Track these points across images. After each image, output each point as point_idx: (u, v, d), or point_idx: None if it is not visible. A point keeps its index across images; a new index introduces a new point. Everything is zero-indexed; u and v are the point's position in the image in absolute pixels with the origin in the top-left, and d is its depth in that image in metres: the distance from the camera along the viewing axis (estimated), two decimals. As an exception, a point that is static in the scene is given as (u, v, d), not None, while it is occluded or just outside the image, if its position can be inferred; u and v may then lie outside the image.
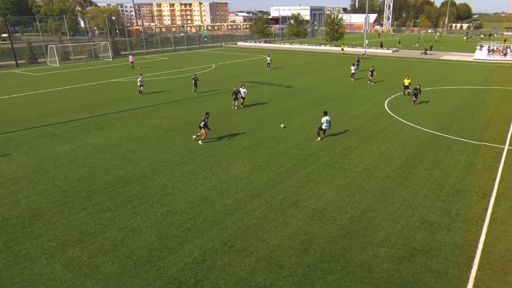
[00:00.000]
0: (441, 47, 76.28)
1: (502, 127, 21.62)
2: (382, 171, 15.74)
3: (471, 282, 9.25)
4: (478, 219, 12.04)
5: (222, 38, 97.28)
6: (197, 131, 20.02)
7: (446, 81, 37.44)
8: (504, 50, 56.76)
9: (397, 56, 62.00)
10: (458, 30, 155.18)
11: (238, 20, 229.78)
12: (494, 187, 14.25)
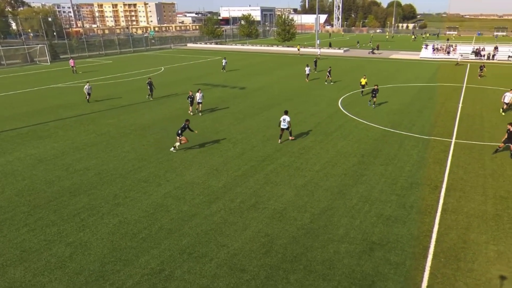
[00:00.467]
0: (389, 47, 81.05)
1: (449, 122, 23.41)
2: (339, 169, 16.34)
3: (427, 270, 9.87)
4: (431, 210, 12.89)
5: (171, 40, 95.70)
6: (149, 137, 19.47)
7: (395, 79, 39.82)
8: (448, 49, 61.57)
9: (348, 55, 64.89)
10: (405, 29, 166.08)
11: (187, 21, 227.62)
12: (444, 179, 15.36)
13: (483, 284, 9.31)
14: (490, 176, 15.45)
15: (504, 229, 11.67)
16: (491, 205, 13.16)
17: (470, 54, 58.92)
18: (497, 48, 58.61)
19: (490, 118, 23.98)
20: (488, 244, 10.92)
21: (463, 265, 10.04)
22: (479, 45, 61.73)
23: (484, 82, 37.23)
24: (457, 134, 20.92)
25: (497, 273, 9.69)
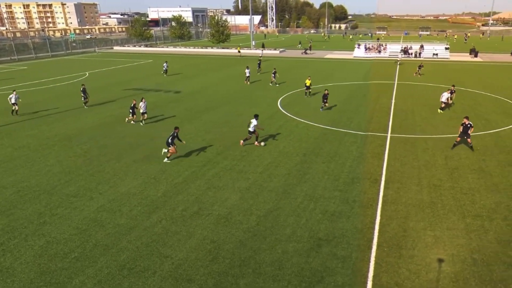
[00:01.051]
0: (324, 47, 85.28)
1: (384, 117, 25.22)
2: (282, 169, 16.78)
3: (372, 261, 10.51)
4: (372, 202, 13.77)
5: (95, 43, 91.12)
6: (76, 148, 18.30)
7: (332, 78, 41.98)
8: (379, 48, 66.41)
9: (285, 56, 67.08)
10: (338, 30, 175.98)
11: (112, 23, 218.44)
12: (383, 172, 16.51)
13: (423, 268, 10.15)
14: (423, 167, 16.93)
15: (438, 215, 12.85)
16: (426, 193, 14.42)
17: (399, 52, 64.09)
18: (422, 46, 64.56)
19: (421, 113, 26.29)
20: (426, 230, 11.94)
21: (404, 252, 10.87)
22: (407, 44, 67.45)
23: (413, 79, 40.76)
24: (392, 129, 22.61)
25: (435, 257, 10.63)
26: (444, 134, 21.31)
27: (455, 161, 17.48)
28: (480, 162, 17.34)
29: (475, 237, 11.53)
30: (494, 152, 18.57)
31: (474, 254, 10.72)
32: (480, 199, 13.88)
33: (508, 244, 11.15)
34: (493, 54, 67.67)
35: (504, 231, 11.81)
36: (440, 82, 38.86)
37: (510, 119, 24.53)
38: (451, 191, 14.58)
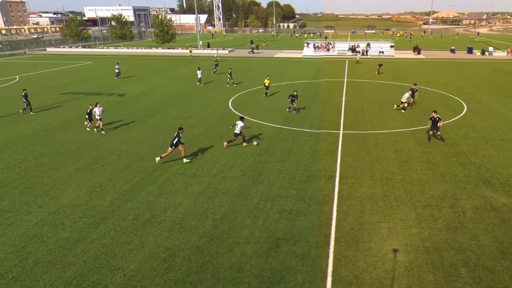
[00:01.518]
0: (273, 46, 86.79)
1: (335, 115, 26.17)
2: (237, 171, 16.84)
3: (331, 256, 10.88)
4: (328, 199, 14.24)
5: (25, 44, 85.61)
6: (8, 159, 17.03)
7: (283, 77, 42.83)
8: (327, 46, 68.80)
9: (234, 56, 67.37)
10: (286, 29, 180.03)
11: (44, 22, 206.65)
12: (337, 168, 17.13)
13: (380, 260, 10.67)
14: (375, 161, 17.80)
15: (391, 207, 13.58)
16: (379, 187, 15.17)
17: (347, 51, 66.89)
18: (369, 44, 67.86)
19: (370, 109, 27.62)
20: (380, 223, 12.57)
21: (361, 245, 11.36)
22: (354, 42, 70.53)
23: (361, 76, 42.71)
24: (343, 126, 23.52)
25: (390, 248, 11.22)
26: (393, 129, 22.56)
27: (404, 155, 18.57)
28: (427, 155, 18.56)
29: (426, 226, 12.33)
30: (439, 145, 19.96)
31: (425, 242, 11.46)
32: (429, 190, 14.87)
33: (456, 230, 12.05)
34: (434, 51, 72.76)
35: (452, 219, 12.75)
36: (387, 79, 41.08)
37: (452, 112, 26.51)
38: (402, 183, 15.48)
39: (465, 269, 10.25)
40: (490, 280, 9.85)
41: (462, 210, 13.32)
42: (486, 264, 10.45)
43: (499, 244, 11.35)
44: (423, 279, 9.89)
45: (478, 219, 12.70)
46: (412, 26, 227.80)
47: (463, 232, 11.98)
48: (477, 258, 10.68)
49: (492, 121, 24.27)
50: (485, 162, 17.60)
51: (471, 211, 13.25)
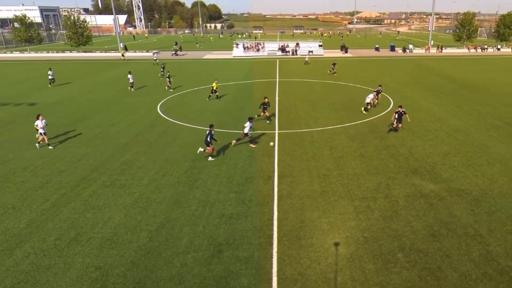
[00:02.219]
0: (201, 47, 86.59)
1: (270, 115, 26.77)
2: (171, 178, 16.55)
3: (275, 256, 11.16)
4: (268, 199, 14.58)
5: None
6: None
7: (214, 79, 42.77)
8: (257, 47, 70.23)
9: (159, 58, 65.89)
10: (213, 30, 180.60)
11: None
12: (275, 168, 17.59)
13: (323, 255, 11.18)
14: (312, 159, 18.57)
15: (330, 202, 14.29)
16: (317, 184, 15.86)
17: (277, 50, 68.90)
18: (298, 44, 70.51)
19: (303, 107, 28.74)
20: (321, 218, 13.16)
21: (304, 242, 11.80)
22: (284, 42, 72.83)
23: (292, 75, 44.27)
24: (279, 125, 24.21)
25: (332, 242, 11.81)
26: (326, 126, 23.70)
27: (339, 151, 19.61)
28: (360, 149, 19.79)
29: (364, 217, 13.19)
30: (370, 139, 21.39)
31: (364, 233, 12.26)
32: (364, 182, 15.89)
33: (391, 219, 13.07)
34: (360, 50, 77.81)
35: (387, 208, 13.80)
36: (317, 77, 43.05)
37: (379, 107, 28.54)
38: (339, 178, 16.35)
39: (401, 254, 11.17)
40: (424, 262, 10.84)
41: (395, 199, 14.47)
42: (420, 247, 11.49)
43: (430, 228, 12.54)
44: (364, 268, 10.57)
45: (410, 207, 13.90)
46: (338, 25, 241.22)
47: (398, 219, 13.03)
48: (411, 243, 11.70)
49: (417, 114, 26.55)
50: (413, 152, 19.23)
51: (403, 199, 14.45)
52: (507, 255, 11.16)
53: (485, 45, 75.36)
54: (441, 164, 17.75)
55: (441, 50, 73.24)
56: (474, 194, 14.87)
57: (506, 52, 73.26)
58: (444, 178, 16.28)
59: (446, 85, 38.17)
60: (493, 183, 15.81)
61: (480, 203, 14.15)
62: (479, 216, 13.26)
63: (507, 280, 10.15)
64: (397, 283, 10.04)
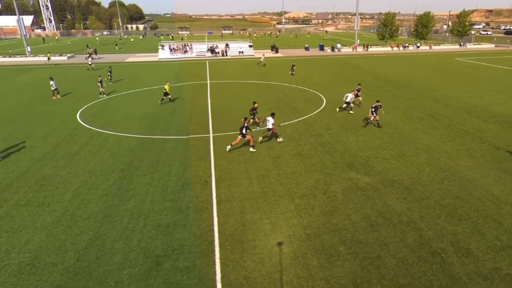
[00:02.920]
0: (123, 49, 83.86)
1: (203, 118, 26.73)
2: (98, 191, 15.84)
3: (218, 263, 11.15)
4: (207, 205, 14.51)
5: None
6: None
7: (139, 83, 41.76)
8: (184, 48, 69.52)
9: (75, 62, 62.77)
10: (136, 31, 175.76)
11: None
12: (212, 172, 17.56)
13: (266, 256, 11.39)
14: (249, 160, 18.82)
15: (271, 202, 14.60)
16: (256, 185, 16.12)
17: (206, 52, 68.81)
18: (228, 45, 71.03)
19: (237, 109, 29.00)
20: (262, 219, 13.40)
21: (247, 245, 11.93)
22: (213, 43, 72.93)
23: (224, 77, 44.50)
24: (213, 128, 24.21)
25: (275, 242, 12.08)
26: (261, 127, 24.14)
27: (276, 150, 20.09)
28: (297, 147, 20.46)
29: (305, 214, 13.68)
30: (306, 137, 22.21)
31: (306, 230, 12.71)
32: (303, 180, 16.46)
33: (331, 213, 13.72)
34: (290, 50, 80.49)
35: (326, 203, 14.46)
36: (248, 78, 43.73)
37: (313, 105, 29.76)
38: (278, 178, 16.77)
39: (343, 247, 11.79)
40: (364, 252, 11.56)
41: (334, 194, 15.21)
42: (360, 239, 12.21)
43: (367, 219, 13.40)
44: (308, 264, 10.97)
45: (348, 200, 14.72)
46: (267, 26, 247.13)
47: (337, 214, 13.72)
48: (351, 235, 12.40)
49: (348, 110, 28.01)
50: (347, 148, 20.31)
51: (342, 193, 15.24)
52: (437, 238, 12.27)
53: (406, 44, 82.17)
54: (374, 158, 18.96)
55: (367, 49, 78.32)
56: (405, 184, 16.12)
57: (425, 49, 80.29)
58: (378, 171, 17.44)
59: (373, 82, 40.79)
60: (421, 172, 17.26)
61: (411, 192, 15.40)
62: (411, 204, 14.43)
63: (439, 261, 11.17)
64: (341, 276, 10.55)
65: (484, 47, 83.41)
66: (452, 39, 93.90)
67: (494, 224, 13.07)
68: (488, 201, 14.63)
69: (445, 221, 13.27)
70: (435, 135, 22.35)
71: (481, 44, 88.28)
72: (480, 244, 11.94)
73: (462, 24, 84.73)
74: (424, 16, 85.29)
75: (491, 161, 18.53)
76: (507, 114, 26.79)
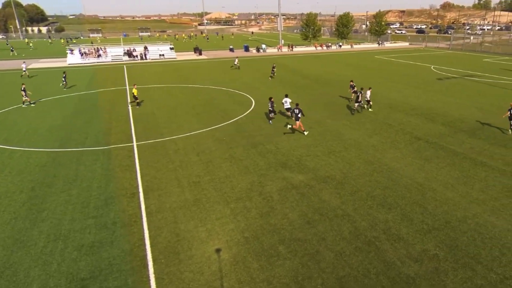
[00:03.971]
0: (24, 55, 78.52)
1: (124, 126, 25.85)
2: (4, 215, 14.64)
3: (153, 278, 10.87)
4: (136, 218, 14.07)
5: None
6: None
7: (45, 91, 39.17)
8: (97, 52, 66.75)
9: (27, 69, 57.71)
10: (38, 34, 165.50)
11: None
12: (139, 183, 17.05)
13: (205, 264, 11.35)
14: (179, 167, 18.58)
15: (205, 209, 14.56)
16: (189, 192, 15.97)
17: (123, 55, 66.71)
18: (147, 48, 69.47)
19: (162, 114, 28.48)
20: (198, 227, 13.31)
21: (183, 256, 11.78)
22: (129, 46, 70.89)
23: (145, 81, 43.40)
24: (136, 137, 23.50)
25: (213, 249, 12.08)
26: (191, 132, 23.99)
27: (207, 155, 20.06)
28: (229, 151, 20.61)
29: (242, 218, 13.85)
30: (237, 139, 22.44)
31: (244, 233, 12.89)
32: (237, 184, 16.64)
33: (268, 214, 14.07)
34: (215, 51, 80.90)
35: (262, 205, 14.78)
36: (173, 81, 43.18)
37: (242, 107, 30.16)
38: (211, 183, 16.77)
39: (282, 246, 12.16)
40: (304, 249, 12.04)
41: (270, 194, 15.61)
42: (298, 236, 12.70)
43: (304, 216, 13.99)
44: (249, 268, 11.13)
45: (284, 199, 15.19)
46: (188, 27, 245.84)
47: (274, 214, 14.11)
48: (290, 234, 12.84)
49: (277, 110, 28.78)
50: (280, 148, 20.90)
51: (277, 193, 15.69)
52: (371, 227, 13.22)
53: (329, 43, 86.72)
54: (306, 155, 19.72)
55: (292, 49, 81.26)
56: (338, 179, 17.04)
57: (347, 48, 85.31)
58: (311, 168, 18.19)
59: (300, 81, 42.38)
60: (352, 166, 18.38)
61: (344, 186, 16.34)
62: (344, 198, 15.33)
63: (374, 249, 12.03)
64: (282, 275, 10.85)
65: (400, 45, 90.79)
66: (371, 38, 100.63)
67: (420, 209, 14.42)
68: (414, 188, 16.06)
69: (377, 210, 14.30)
70: (363, 130, 23.79)
71: (397, 42, 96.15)
72: (409, 229, 13.08)
73: (379, 24, 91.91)
74: (344, 16, 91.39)
75: (413, 151, 20.29)
76: (424, 107, 29.42)
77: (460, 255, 11.73)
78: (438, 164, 18.58)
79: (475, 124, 24.94)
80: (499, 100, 31.12)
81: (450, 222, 13.54)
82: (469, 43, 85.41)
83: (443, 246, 12.18)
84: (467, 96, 33.39)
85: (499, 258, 11.53)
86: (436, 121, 25.68)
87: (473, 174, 17.47)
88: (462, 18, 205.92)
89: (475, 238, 12.58)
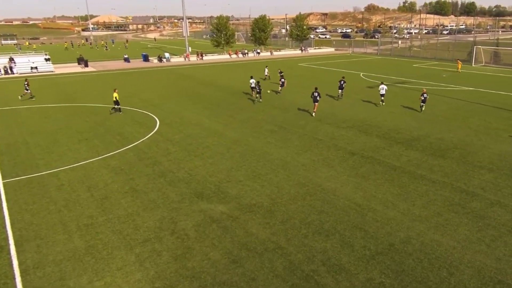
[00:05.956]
0: None
1: None
2: None
3: None
4: (5, 279, 12.88)
5: None
6: None
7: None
8: None
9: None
10: None
11: None
12: (8, 233, 15.67)
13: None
14: (64, 208, 17.49)
15: (102, 258, 13.75)
16: (79, 239, 15.01)
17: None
18: (13, 59, 65.65)
19: (38, 143, 26.78)
20: (93, 282, 12.49)
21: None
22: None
23: (9, 102, 40.76)
24: (2, 173, 21.78)
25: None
26: (78, 162, 22.83)
27: (101, 190, 19.16)
28: (129, 182, 19.89)
29: (151, 264, 13.28)
30: (140, 167, 21.77)
31: (155, 283, 12.31)
32: (142, 222, 16.02)
33: (184, 256, 13.64)
34: (105, 62, 79.11)
35: (176, 246, 14.33)
36: (53, 101, 41.07)
37: (143, 128, 29.55)
38: (108, 224, 15.97)
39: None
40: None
41: (185, 232, 15.20)
42: (223, 279, 12.41)
43: (229, 254, 13.80)
44: (163, 326, 10.52)
45: (203, 236, 14.89)
46: (69, 33, 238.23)
47: (192, 255, 13.72)
48: (213, 278, 12.56)
49: (189, 130, 28.59)
50: (194, 174, 20.63)
51: (194, 230, 15.35)
52: (308, 259, 13.39)
53: (245, 50, 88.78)
54: (226, 181, 19.64)
55: (201, 57, 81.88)
56: (266, 206, 17.16)
57: (266, 55, 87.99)
58: (233, 196, 18.13)
59: (213, 94, 42.82)
60: (281, 190, 18.67)
61: (273, 214, 16.49)
62: (275, 228, 15.42)
63: (313, 285, 12.15)
64: (207, 331, 10.40)
65: (325, 51, 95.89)
66: (292, 43, 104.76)
67: (361, 233, 14.97)
68: (352, 210, 16.69)
69: (313, 239, 14.54)
70: (290, 148, 24.32)
71: (321, 48, 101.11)
72: (350, 258, 13.48)
73: (300, 28, 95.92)
74: (260, 19, 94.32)
75: (348, 168, 21.20)
76: (356, 118, 31.11)
77: (407, 280, 12.28)
78: (376, 180, 19.48)
79: (411, 134, 26.79)
80: (432, 108, 33.74)
81: (394, 244, 14.19)
82: (398, 48, 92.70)
83: (388, 272, 12.69)
84: (400, 105, 35.74)
85: (447, 280, 12.25)
86: (370, 133, 27.06)
87: (413, 189, 18.58)
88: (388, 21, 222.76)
89: (422, 259, 13.30)
